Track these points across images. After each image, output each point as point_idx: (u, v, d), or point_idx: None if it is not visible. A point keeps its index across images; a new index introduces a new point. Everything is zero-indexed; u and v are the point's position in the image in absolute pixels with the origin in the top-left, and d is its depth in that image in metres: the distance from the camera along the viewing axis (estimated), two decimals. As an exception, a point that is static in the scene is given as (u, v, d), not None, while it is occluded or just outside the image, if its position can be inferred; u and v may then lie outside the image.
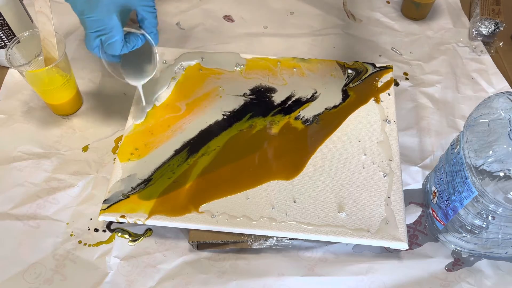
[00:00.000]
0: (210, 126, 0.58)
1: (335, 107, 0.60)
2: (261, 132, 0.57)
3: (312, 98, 0.61)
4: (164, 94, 0.61)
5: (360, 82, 0.62)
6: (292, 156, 0.56)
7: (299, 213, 0.51)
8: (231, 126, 0.58)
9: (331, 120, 0.59)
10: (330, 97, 0.61)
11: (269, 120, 0.58)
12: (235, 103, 0.60)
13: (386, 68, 0.64)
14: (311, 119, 0.58)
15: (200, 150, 0.56)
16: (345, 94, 0.61)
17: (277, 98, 0.61)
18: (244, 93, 0.61)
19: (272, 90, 0.61)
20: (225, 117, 0.59)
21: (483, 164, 0.42)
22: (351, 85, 0.62)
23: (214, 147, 0.56)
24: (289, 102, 0.60)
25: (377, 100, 0.61)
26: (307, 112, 0.59)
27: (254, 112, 0.59)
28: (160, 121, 0.58)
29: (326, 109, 0.59)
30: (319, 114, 0.59)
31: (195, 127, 0.58)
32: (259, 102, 0.60)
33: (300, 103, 0.60)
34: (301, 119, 0.58)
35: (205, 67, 0.63)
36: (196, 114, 0.59)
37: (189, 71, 0.63)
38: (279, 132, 0.57)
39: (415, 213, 0.56)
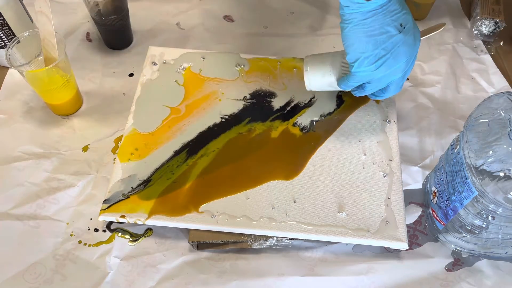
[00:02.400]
0: (209, 128, 0.58)
1: (329, 113, 0.59)
2: (260, 135, 0.57)
3: (309, 104, 0.60)
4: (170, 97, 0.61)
5: None
6: (292, 156, 0.55)
7: (299, 213, 0.51)
8: (230, 129, 0.58)
9: (327, 126, 0.58)
10: (326, 103, 0.60)
11: (268, 125, 0.58)
12: (234, 107, 0.60)
13: (386, 68, 0.64)
14: (308, 126, 0.58)
15: (199, 152, 0.56)
16: (340, 100, 0.61)
17: (276, 103, 0.60)
18: (244, 97, 0.61)
19: (272, 94, 0.61)
20: (223, 120, 0.59)
21: (483, 164, 0.42)
22: None
23: (213, 149, 0.56)
24: (288, 108, 0.60)
25: (377, 100, 0.61)
26: (304, 118, 0.59)
27: (253, 116, 0.59)
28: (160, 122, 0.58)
29: (321, 116, 0.59)
30: (316, 121, 0.59)
31: (194, 129, 0.58)
32: (259, 107, 0.60)
33: (298, 108, 0.60)
34: (299, 125, 0.58)
35: (204, 76, 0.63)
36: (195, 116, 0.59)
37: (189, 72, 0.63)
38: (277, 137, 0.57)
39: (415, 213, 0.55)
